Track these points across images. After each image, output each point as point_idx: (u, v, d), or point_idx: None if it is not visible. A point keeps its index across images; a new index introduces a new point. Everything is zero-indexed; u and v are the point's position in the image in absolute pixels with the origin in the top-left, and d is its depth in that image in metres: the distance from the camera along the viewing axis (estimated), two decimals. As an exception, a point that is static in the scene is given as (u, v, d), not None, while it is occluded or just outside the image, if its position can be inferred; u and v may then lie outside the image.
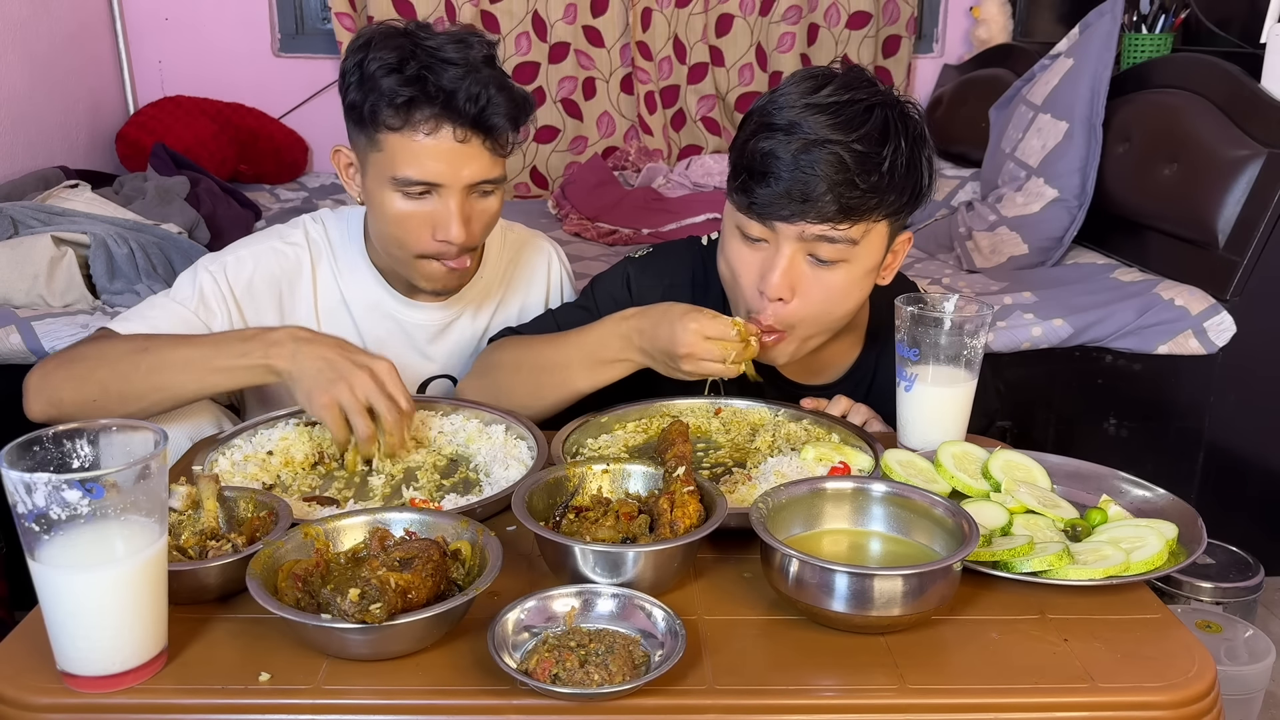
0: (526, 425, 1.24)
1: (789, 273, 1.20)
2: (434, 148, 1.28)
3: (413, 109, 1.26)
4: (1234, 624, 1.84)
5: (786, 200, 1.15)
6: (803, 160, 1.14)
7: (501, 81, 1.30)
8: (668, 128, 3.72)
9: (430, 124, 1.27)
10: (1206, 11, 2.64)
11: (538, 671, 0.80)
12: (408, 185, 1.30)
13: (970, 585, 0.95)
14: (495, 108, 1.28)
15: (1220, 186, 2.22)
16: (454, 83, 1.26)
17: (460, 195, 1.31)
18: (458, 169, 1.29)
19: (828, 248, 1.18)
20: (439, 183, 1.30)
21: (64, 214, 2.28)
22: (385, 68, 1.26)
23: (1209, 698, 0.84)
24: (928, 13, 3.84)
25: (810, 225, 1.16)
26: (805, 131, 1.15)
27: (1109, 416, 2.30)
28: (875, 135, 1.15)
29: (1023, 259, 2.58)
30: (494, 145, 1.31)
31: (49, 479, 0.75)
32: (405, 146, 1.28)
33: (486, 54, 1.31)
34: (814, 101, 1.16)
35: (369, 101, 1.28)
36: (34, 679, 0.82)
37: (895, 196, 1.18)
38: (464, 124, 1.27)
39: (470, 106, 1.26)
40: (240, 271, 1.41)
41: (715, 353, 1.17)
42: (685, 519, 0.94)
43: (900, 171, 1.17)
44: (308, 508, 1.08)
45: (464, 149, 1.28)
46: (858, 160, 1.14)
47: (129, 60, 3.48)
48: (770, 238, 1.20)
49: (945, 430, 1.21)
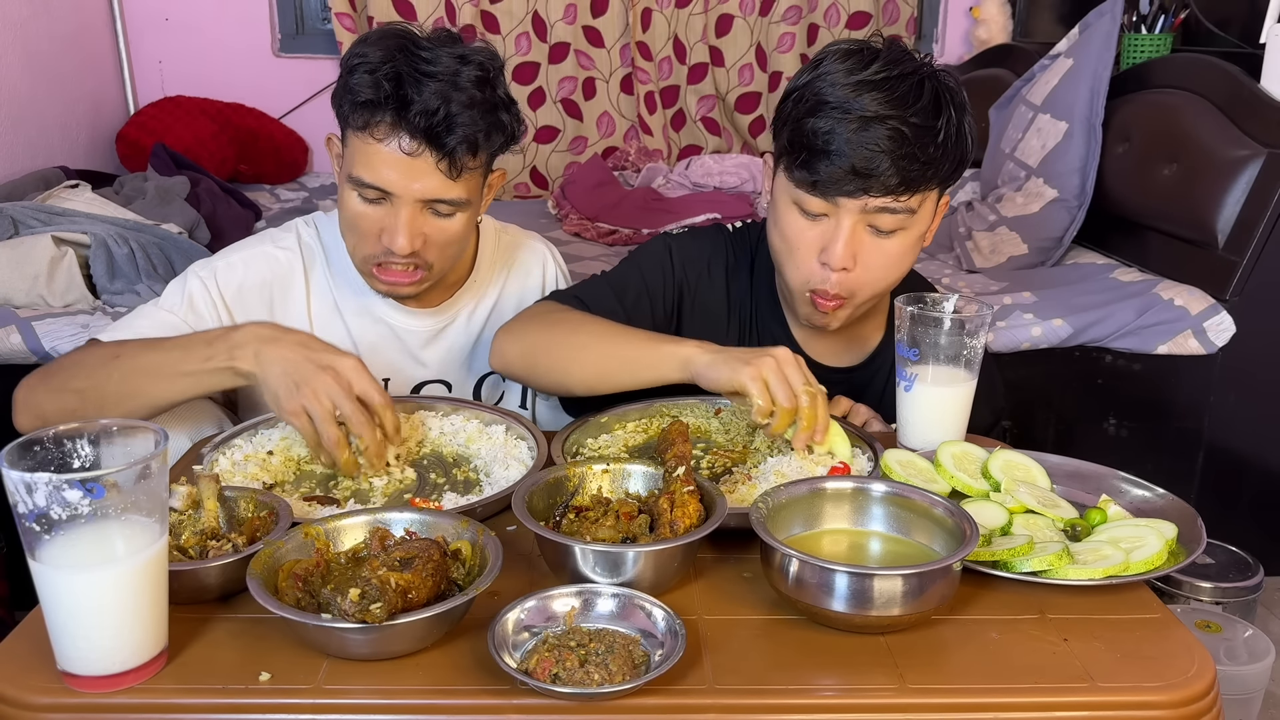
0: (526, 425, 1.24)
1: (851, 243, 1.23)
2: (386, 154, 1.25)
3: (372, 110, 1.24)
4: (1234, 624, 1.84)
5: (851, 176, 1.18)
6: (864, 137, 1.17)
7: (477, 101, 1.25)
8: (668, 128, 3.73)
9: (384, 129, 1.25)
10: (1206, 11, 2.64)
11: (538, 671, 0.80)
12: (362, 186, 1.28)
13: (970, 585, 0.95)
14: (454, 127, 1.24)
15: (1220, 186, 2.22)
16: (417, 93, 1.23)
17: (411, 207, 1.28)
18: (408, 181, 1.26)
19: (888, 218, 1.21)
20: (389, 190, 1.27)
21: (64, 214, 2.28)
22: (365, 65, 1.25)
23: (1209, 697, 0.84)
24: (928, 13, 3.84)
25: (873, 199, 1.19)
26: (861, 108, 1.17)
27: (1109, 416, 2.30)
28: (929, 108, 1.19)
29: (1022, 259, 2.58)
30: (449, 165, 1.26)
31: (49, 479, 0.75)
32: (362, 147, 1.27)
33: (480, 75, 1.26)
34: (865, 79, 1.18)
35: (341, 94, 1.28)
36: (34, 679, 0.82)
37: (949, 165, 1.22)
38: (416, 136, 1.24)
39: (422, 120, 1.22)
40: (230, 277, 1.39)
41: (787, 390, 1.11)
42: (685, 519, 0.94)
43: (952, 140, 1.21)
44: (308, 508, 1.08)
45: (414, 162, 1.25)
46: (916, 133, 1.17)
47: (129, 60, 3.48)
48: (832, 212, 1.23)
49: (945, 430, 1.21)
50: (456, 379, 1.51)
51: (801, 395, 1.11)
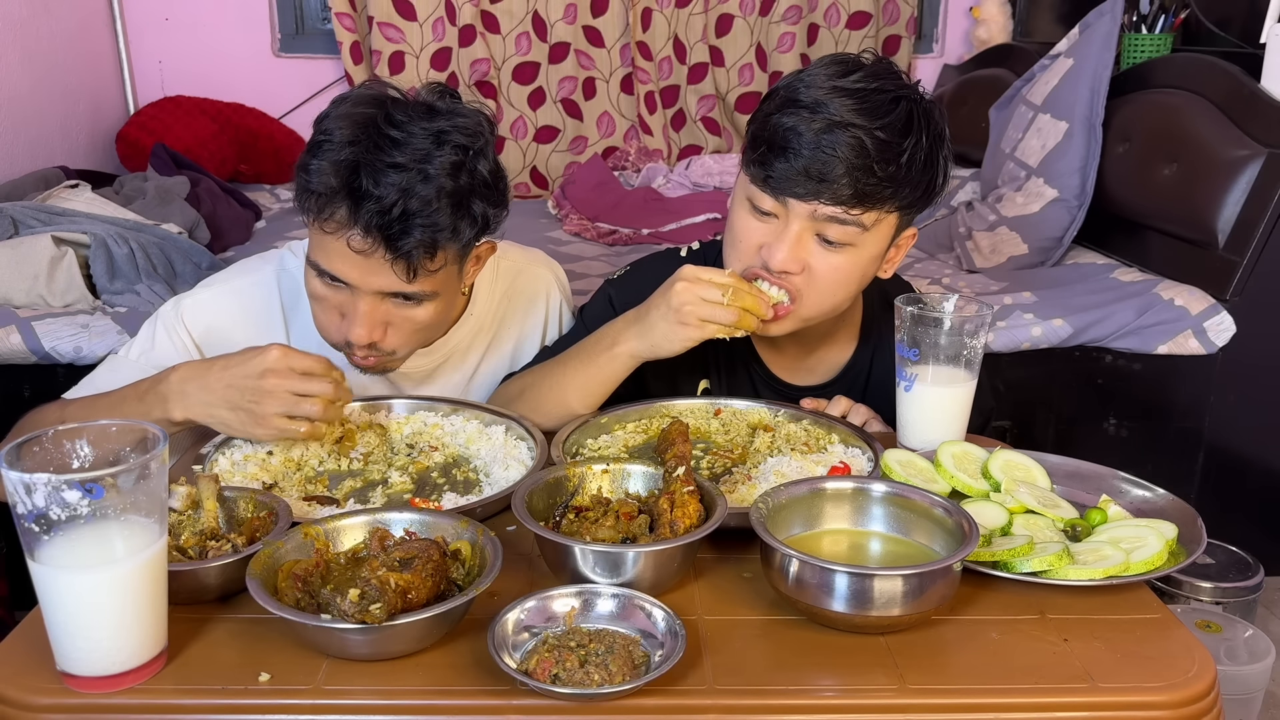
0: (526, 426, 1.24)
1: (796, 249, 1.20)
2: (338, 248, 1.16)
3: (323, 200, 1.14)
4: (1234, 624, 1.84)
5: (803, 178, 1.16)
6: (824, 140, 1.15)
7: (446, 192, 1.14)
8: (668, 128, 3.73)
9: (334, 224, 1.15)
10: (1206, 11, 2.64)
11: (538, 671, 0.80)
12: (319, 272, 1.20)
13: (970, 585, 0.95)
14: (411, 229, 1.13)
15: (1220, 186, 2.22)
16: (375, 185, 1.11)
17: (371, 299, 1.20)
18: (364, 276, 1.17)
19: (837, 229, 1.19)
20: (346, 282, 1.19)
21: (64, 214, 2.28)
22: (328, 145, 1.14)
23: (1209, 698, 0.84)
24: (928, 13, 3.84)
25: (823, 205, 1.18)
26: (829, 112, 1.16)
27: (1109, 416, 2.30)
28: (899, 125, 1.16)
29: (1023, 259, 2.58)
30: (405, 268, 1.15)
31: (49, 479, 0.75)
32: (317, 235, 1.18)
33: (455, 160, 1.14)
34: (841, 85, 1.17)
35: (299, 172, 1.17)
36: (34, 679, 0.82)
37: (909, 190, 1.19)
38: (370, 234, 1.13)
39: (376, 219, 1.12)
40: (198, 316, 1.34)
41: (713, 293, 1.17)
42: (685, 519, 0.94)
43: (918, 166, 1.18)
44: (308, 508, 1.08)
45: (368, 260, 1.15)
46: (879, 147, 1.15)
47: (129, 60, 3.48)
48: (781, 213, 1.21)
49: (945, 430, 1.21)
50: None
51: (728, 294, 1.17)
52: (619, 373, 1.26)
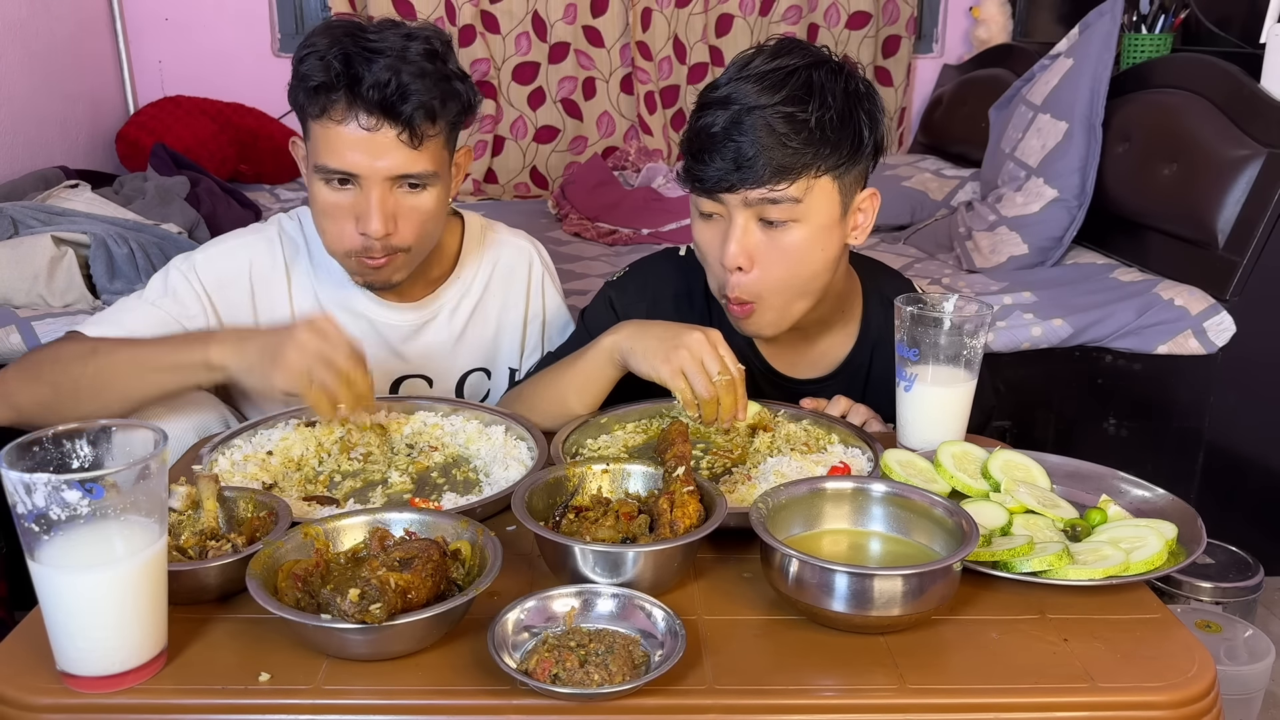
0: (526, 426, 1.24)
1: (743, 241, 1.22)
2: (346, 135, 1.26)
3: (325, 93, 1.25)
4: (1234, 624, 1.84)
5: (723, 171, 1.19)
6: (733, 130, 1.18)
7: (428, 72, 1.26)
8: (668, 128, 3.73)
9: (340, 110, 1.25)
10: (1206, 11, 2.64)
11: (538, 671, 0.80)
12: (328, 174, 1.29)
13: (970, 585, 0.95)
14: (407, 95, 1.24)
15: (1220, 186, 2.22)
16: (367, 69, 1.24)
17: (380, 188, 1.28)
18: (372, 159, 1.27)
19: (773, 209, 1.21)
20: (355, 172, 1.27)
21: (64, 214, 2.28)
22: (314, 54, 1.25)
23: (1209, 698, 0.84)
24: (928, 13, 3.84)
25: (750, 190, 1.19)
26: (735, 102, 1.19)
27: (1109, 416, 2.30)
28: (800, 95, 1.19)
29: (1022, 259, 2.58)
30: (410, 135, 1.26)
31: (49, 479, 0.75)
32: (323, 134, 1.27)
33: (427, 48, 1.27)
34: (746, 73, 1.21)
35: (295, 86, 1.28)
36: (34, 679, 0.82)
37: (830, 150, 1.20)
38: (372, 111, 1.24)
39: (374, 93, 1.23)
40: (210, 269, 1.40)
41: (714, 365, 1.16)
42: (685, 519, 0.94)
43: (831, 126, 1.19)
44: (308, 508, 1.08)
45: (375, 138, 1.26)
46: (784, 120, 1.18)
47: (129, 60, 3.48)
48: (721, 211, 1.23)
49: (945, 430, 1.21)
50: (438, 374, 1.50)
51: (718, 382, 1.15)
52: (611, 374, 1.26)
